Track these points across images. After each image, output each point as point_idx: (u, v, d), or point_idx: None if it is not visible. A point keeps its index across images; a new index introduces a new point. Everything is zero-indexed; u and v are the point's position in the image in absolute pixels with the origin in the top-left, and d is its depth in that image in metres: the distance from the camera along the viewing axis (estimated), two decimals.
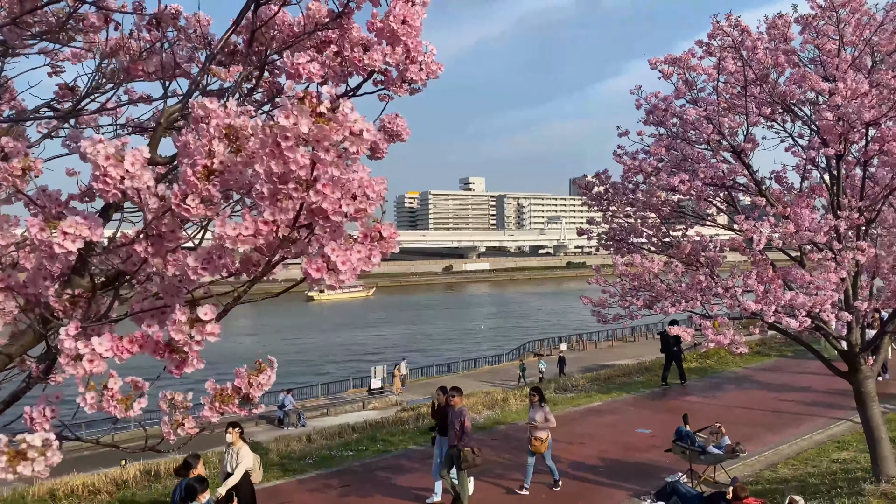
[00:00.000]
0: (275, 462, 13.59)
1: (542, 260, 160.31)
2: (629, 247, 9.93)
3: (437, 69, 2.82)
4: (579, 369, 30.19)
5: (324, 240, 1.60)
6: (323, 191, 1.48)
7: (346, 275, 1.60)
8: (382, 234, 1.67)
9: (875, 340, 8.98)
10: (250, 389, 1.90)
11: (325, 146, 1.45)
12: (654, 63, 8.13)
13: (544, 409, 11.15)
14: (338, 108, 1.45)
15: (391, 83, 2.82)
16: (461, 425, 10.09)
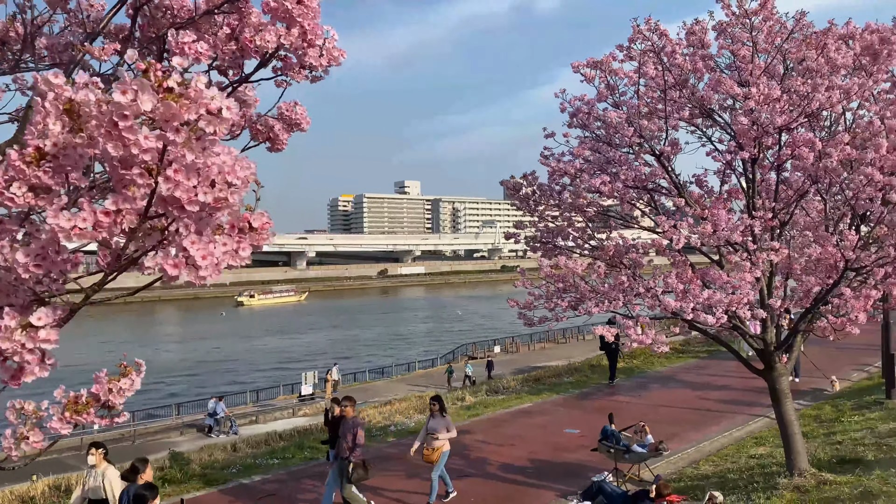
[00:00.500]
0: (196, 473, 13.07)
1: (477, 264, 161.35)
2: (556, 249, 9.99)
3: (339, 55, 2.67)
4: (512, 371, 30.38)
5: (183, 231, 1.43)
6: (174, 177, 1.31)
7: (208, 270, 1.44)
8: (252, 225, 1.52)
9: (788, 339, 9.29)
10: (110, 396, 1.70)
11: (176, 126, 1.28)
12: (576, 67, 8.19)
13: (446, 419, 10.69)
14: (189, 82, 1.29)
15: (289, 69, 2.66)
16: (354, 437, 9.69)
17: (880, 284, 8.45)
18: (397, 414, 18.44)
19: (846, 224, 8.90)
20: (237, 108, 1.36)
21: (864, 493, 7.50)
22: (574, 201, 9.35)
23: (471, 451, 13.69)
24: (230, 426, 26.20)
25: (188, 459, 14.43)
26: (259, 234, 1.52)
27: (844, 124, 9.04)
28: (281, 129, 2.73)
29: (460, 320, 72.74)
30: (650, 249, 9.07)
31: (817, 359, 20.10)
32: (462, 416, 17.24)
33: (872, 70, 8.22)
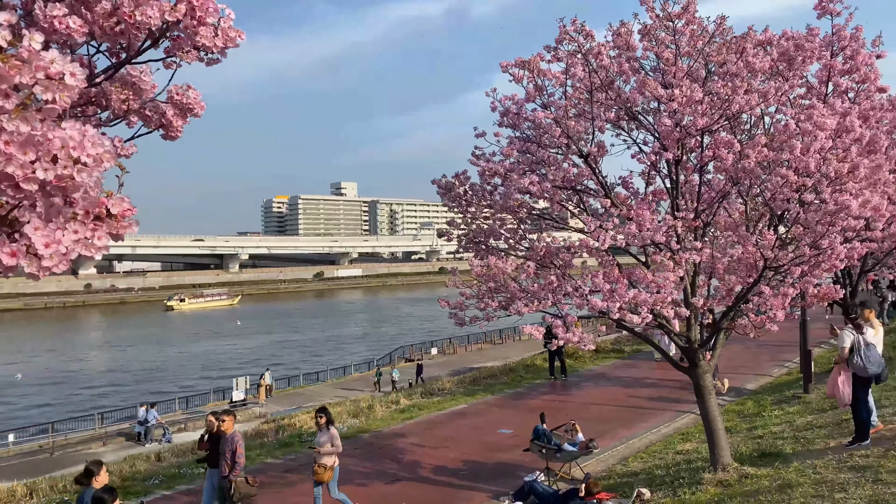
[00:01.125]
0: (116, 485, 12.43)
1: (415, 265, 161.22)
2: (488, 249, 9.97)
3: (236, 36, 2.49)
4: (448, 373, 30.39)
5: (27, 216, 1.26)
6: (6, 150, 1.14)
7: (53, 260, 1.26)
8: (111, 211, 1.35)
9: (711, 337, 9.52)
10: None
11: (5, 90, 1.11)
12: (505, 66, 8.18)
13: (331, 431, 9.99)
14: (21, 41, 1.13)
15: (179, 49, 2.47)
16: (233, 454, 9.09)
17: (797, 283, 8.75)
18: None
19: (765, 224, 9.18)
20: (83, 75, 1.19)
21: (782, 486, 7.73)
22: (505, 202, 9.35)
23: (404, 455, 13.55)
24: (163, 434, 25.37)
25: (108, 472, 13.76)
26: (119, 223, 1.36)
27: (762, 128, 9.35)
28: (174, 115, 2.54)
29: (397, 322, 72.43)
30: (580, 251, 9.16)
31: (739, 356, 20.85)
32: (396, 420, 17.09)
33: (788, 75, 8.52)
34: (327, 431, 9.96)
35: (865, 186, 8.27)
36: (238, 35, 2.47)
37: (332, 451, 9.85)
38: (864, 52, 9.10)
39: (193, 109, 2.54)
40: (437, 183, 9.70)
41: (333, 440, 9.90)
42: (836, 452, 8.80)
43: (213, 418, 9.87)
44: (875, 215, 8.12)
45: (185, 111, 2.58)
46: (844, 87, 9.31)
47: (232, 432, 9.29)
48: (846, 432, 9.68)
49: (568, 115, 8.24)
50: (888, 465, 7.43)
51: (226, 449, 9.15)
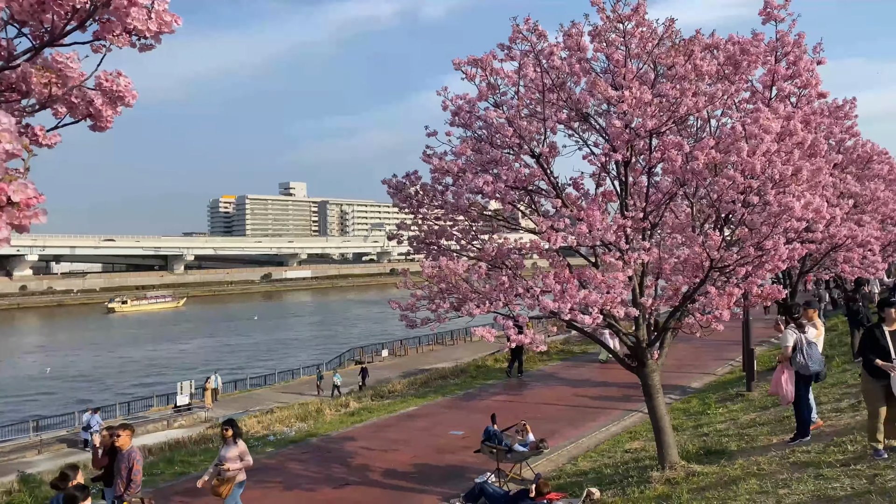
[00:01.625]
0: (49, 495, 11.90)
1: (366, 267, 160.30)
2: (439, 250, 9.87)
3: (171, 21, 2.31)
4: (399, 375, 30.26)
5: None
6: None
7: None
8: (12, 199, 1.19)
9: (659, 336, 9.63)
10: None
11: None
12: (458, 64, 8.11)
13: (239, 445, 9.41)
14: None
15: (109, 31, 2.28)
16: (129, 471, 8.37)
17: (742, 283, 8.92)
18: (278, 423, 17.76)
19: (711, 226, 9.33)
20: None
21: (728, 483, 7.85)
22: (457, 202, 9.27)
23: (353, 458, 13.35)
24: None
25: (41, 481, 13.18)
26: (23, 212, 1.20)
27: (708, 131, 9.51)
28: (104, 104, 2.35)
29: (347, 324, 71.79)
30: (532, 252, 9.15)
31: (684, 355, 21.28)
32: (346, 423, 16.85)
33: (734, 79, 8.67)
34: (234, 445, 9.37)
35: (807, 189, 8.48)
36: (174, 20, 2.31)
37: (240, 467, 9.27)
38: (807, 58, 9.36)
39: (124, 98, 2.36)
40: (388, 182, 9.55)
41: (244, 455, 9.32)
42: (778, 449, 9.00)
43: (106, 433, 9.14)
44: (816, 217, 8.32)
45: (116, 99, 2.40)
46: (787, 91, 9.55)
47: (129, 448, 8.55)
48: (788, 429, 9.92)
49: (520, 114, 8.21)
50: (829, 461, 7.62)
51: (121, 466, 8.41)
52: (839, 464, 7.41)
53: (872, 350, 7.45)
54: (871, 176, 16.05)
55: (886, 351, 7.34)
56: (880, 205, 16.11)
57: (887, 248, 19.70)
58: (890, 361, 7.26)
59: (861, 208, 15.15)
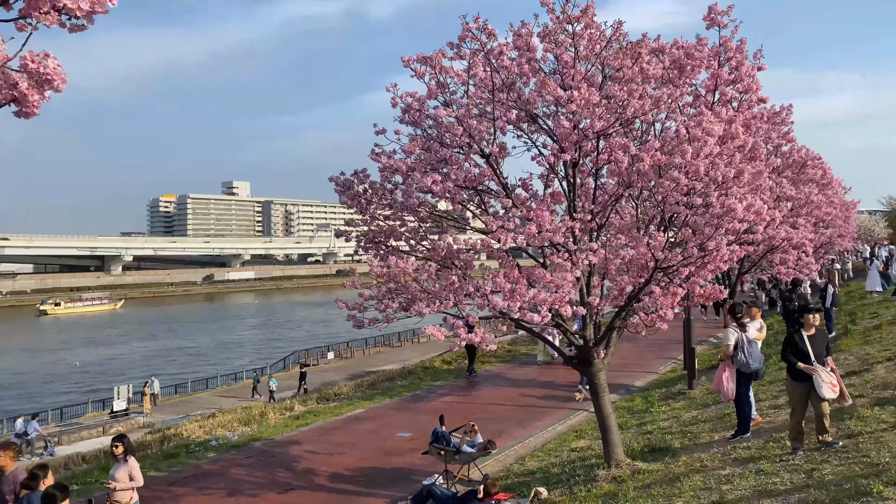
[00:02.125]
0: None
1: (312, 268, 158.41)
2: (388, 249, 9.76)
3: (106, 0, 2.18)
4: (345, 377, 29.92)
5: None
6: None
7: None
8: None
9: (605, 335, 9.74)
10: None
11: None
12: (406, 61, 8.02)
13: (130, 463, 8.55)
14: None
15: (36, 9, 2.11)
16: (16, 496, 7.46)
17: (685, 283, 9.09)
18: (220, 427, 17.28)
19: (656, 227, 9.49)
20: None
21: (672, 480, 7.98)
22: (406, 201, 9.17)
23: (298, 463, 13.08)
24: (45, 447, 23.64)
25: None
26: None
27: (653, 134, 9.68)
28: (29, 88, 2.17)
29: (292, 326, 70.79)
30: (481, 252, 9.12)
31: (628, 354, 21.66)
32: (290, 427, 16.52)
33: (679, 83, 8.84)
34: (125, 463, 8.57)
35: (748, 191, 8.71)
36: (110, 1, 2.15)
37: (129, 486, 8.51)
38: (748, 63, 9.62)
39: (53, 82, 2.19)
40: (335, 180, 9.39)
41: (133, 472, 8.53)
42: (720, 445, 9.20)
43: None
44: (757, 219, 8.55)
45: (43, 83, 2.21)
46: (730, 96, 9.80)
47: (13, 469, 7.70)
48: (729, 426, 10.17)
49: (470, 114, 8.17)
50: (768, 456, 7.83)
51: (5, 490, 7.58)
52: (778, 459, 7.62)
53: (794, 354, 7.75)
54: (806, 180, 16.67)
55: (806, 354, 7.64)
56: (814, 208, 16.74)
57: (819, 250, 20.51)
58: (810, 364, 7.56)
59: (796, 211, 15.72)
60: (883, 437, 7.21)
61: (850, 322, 17.72)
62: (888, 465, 6.25)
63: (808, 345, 7.70)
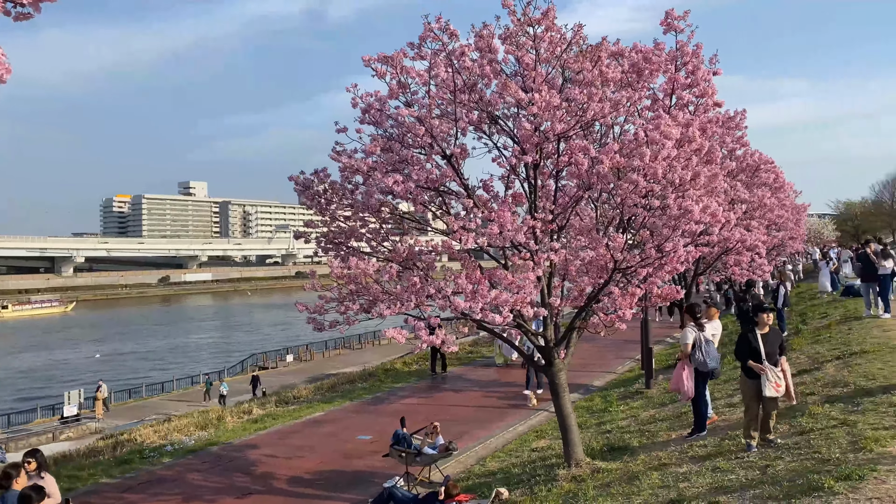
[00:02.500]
0: None
1: (271, 270, 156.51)
2: (348, 250, 9.67)
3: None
4: (305, 380, 29.61)
5: None
6: None
7: None
8: None
9: (566, 336, 9.82)
10: None
11: None
12: (367, 61, 7.96)
13: (45, 479, 7.76)
14: None
15: None
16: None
17: (643, 283, 9.23)
18: (176, 432, 16.89)
19: (615, 228, 9.61)
20: None
21: (631, 478, 8.07)
22: (367, 201, 9.10)
23: (257, 467, 12.86)
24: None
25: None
26: None
27: (612, 137, 9.81)
28: None
29: (251, 329, 69.80)
30: (443, 253, 9.11)
31: (587, 354, 21.90)
32: (248, 430, 16.25)
33: (637, 86, 8.96)
34: (40, 479, 7.78)
35: (704, 194, 8.88)
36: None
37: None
38: (704, 68, 9.82)
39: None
40: (295, 179, 9.26)
41: (49, 489, 7.63)
42: (677, 444, 9.35)
43: None
44: (713, 221, 8.72)
45: None
46: (686, 100, 9.99)
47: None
48: (686, 424, 10.34)
49: (431, 114, 8.15)
50: (724, 454, 7.98)
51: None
52: (734, 456, 7.76)
53: (747, 352, 7.92)
54: (759, 184, 17.09)
55: (758, 352, 7.83)
56: (767, 211, 17.17)
57: (772, 252, 21.05)
58: (761, 363, 7.75)
59: (750, 214, 16.10)
60: (833, 433, 7.41)
61: (801, 322, 18.23)
62: (838, 460, 6.42)
63: (762, 343, 7.89)
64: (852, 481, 5.61)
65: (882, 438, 6.63)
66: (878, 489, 5.34)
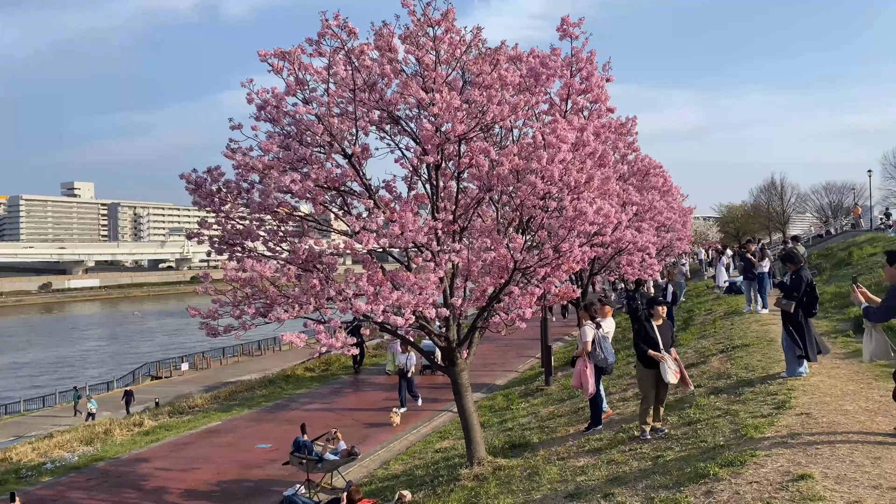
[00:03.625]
0: None
1: (164, 274, 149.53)
2: (245, 251, 9.32)
3: None
4: (201, 388, 28.48)
5: None
6: None
7: None
8: None
9: (468, 336, 9.89)
10: None
11: None
12: (263, 55, 7.71)
13: None
14: None
15: None
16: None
17: (541, 283, 9.43)
18: (57, 448, 15.81)
19: (514, 229, 9.77)
20: None
21: (531, 474, 8.22)
22: (264, 201, 8.81)
23: (148, 482, 12.21)
24: None
25: None
26: None
27: (511, 140, 9.98)
28: None
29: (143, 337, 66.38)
30: (345, 255, 8.94)
31: (490, 353, 22.22)
32: (139, 443, 15.42)
33: (535, 90, 9.15)
34: None
35: (598, 196, 9.18)
36: None
37: None
38: (598, 74, 10.16)
39: None
40: (187, 178, 8.83)
41: None
42: (575, 438, 9.61)
43: None
44: (606, 222, 9.02)
45: None
46: (581, 105, 10.30)
47: None
48: (583, 419, 10.65)
49: (331, 112, 7.99)
50: (618, 446, 8.27)
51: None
52: (628, 448, 8.05)
53: (645, 342, 8.28)
54: (649, 187, 17.91)
55: (656, 342, 8.20)
56: (656, 213, 18.01)
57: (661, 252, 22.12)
58: (658, 352, 8.13)
59: (640, 216, 16.84)
60: (717, 422, 7.83)
61: (689, 318, 19.25)
62: (722, 447, 6.78)
63: (658, 334, 8.25)
64: (735, 467, 5.93)
65: (761, 426, 7.06)
66: (758, 473, 5.66)
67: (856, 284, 6.85)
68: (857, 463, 5.59)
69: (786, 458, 5.90)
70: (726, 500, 5.25)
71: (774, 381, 8.97)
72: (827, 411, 7.29)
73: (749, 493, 5.25)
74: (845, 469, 5.47)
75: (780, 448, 6.20)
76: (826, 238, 42.95)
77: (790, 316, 9.06)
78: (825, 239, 42.41)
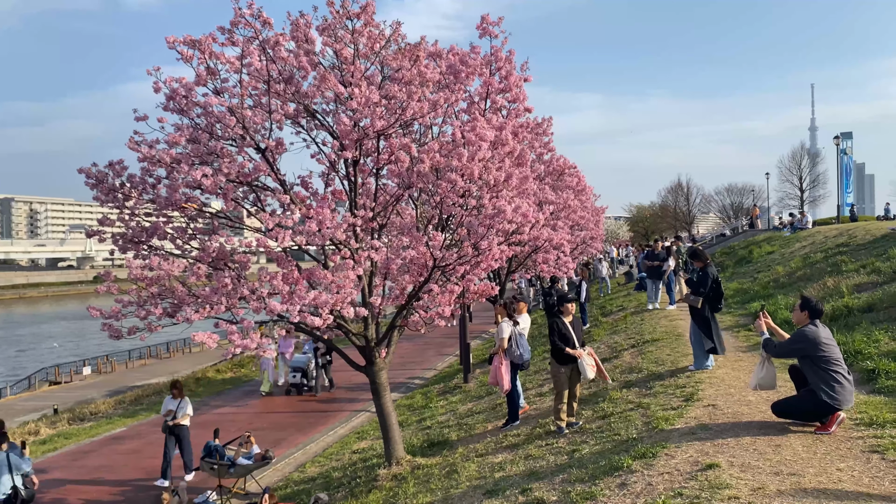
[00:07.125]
0: None
1: (63, 274, 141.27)
2: (151, 249, 8.86)
3: None
4: (104, 393, 27.04)
5: None
6: None
7: None
8: None
9: (387, 335, 9.78)
10: None
11: None
12: (171, 42, 7.32)
13: None
14: None
15: None
16: None
17: (460, 281, 9.43)
18: None
19: (434, 227, 9.73)
20: None
21: (450, 472, 8.20)
22: (171, 196, 8.39)
23: (44, 495, 11.41)
24: None
25: None
26: None
27: (431, 137, 9.93)
28: None
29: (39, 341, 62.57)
30: (259, 253, 8.64)
31: (409, 352, 22.16)
32: (34, 453, 14.40)
33: (455, 88, 9.13)
34: None
35: (516, 195, 9.27)
36: None
37: None
38: (516, 74, 10.25)
39: None
40: (86, 172, 8.29)
41: None
42: (493, 435, 9.67)
43: None
44: (524, 220, 9.10)
45: None
46: (500, 104, 10.37)
47: None
48: (500, 415, 10.74)
49: (244, 104, 7.69)
50: (535, 441, 8.36)
51: None
52: (544, 443, 8.16)
53: (559, 339, 8.42)
54: (564, 187, 18.30)
55: (571, 339, 8.36)
56: (571, 212, 18.42)
57: (575, 251, 22.66)
58: (574, 348, 8.29)
59: (556, 215, 17.17)
60: (630, 415, 8.04)
61: (601, 314, 19.80)
62: (635, 440, 6.96)
63: (571, 330, 8.41)
64: (647, 459, 6.09)
65: (671, 417, 7.29)
66: (668, 464, 5.84)
67: (762, 312, 7.12)
68: (759, 451, 5.84)
69: (695, 448, 6.11)
70: (640, 492, 5.37)
71: (683, 375, 9.31)
72: (731, 402, 7.61)
73: (661, 484, 5.39)
74: (749, 457, 5.70)
75: (689, 439, 6.41)
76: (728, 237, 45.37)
77: (697, 311, 9.43)
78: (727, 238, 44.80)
